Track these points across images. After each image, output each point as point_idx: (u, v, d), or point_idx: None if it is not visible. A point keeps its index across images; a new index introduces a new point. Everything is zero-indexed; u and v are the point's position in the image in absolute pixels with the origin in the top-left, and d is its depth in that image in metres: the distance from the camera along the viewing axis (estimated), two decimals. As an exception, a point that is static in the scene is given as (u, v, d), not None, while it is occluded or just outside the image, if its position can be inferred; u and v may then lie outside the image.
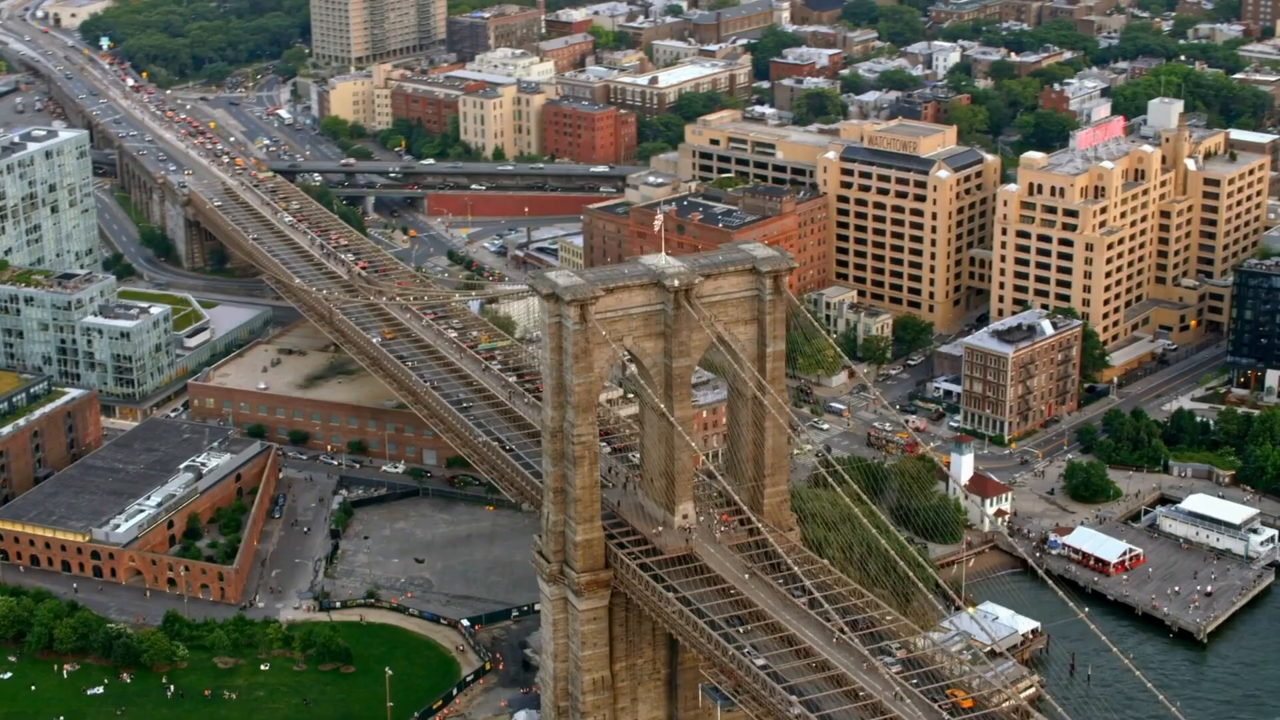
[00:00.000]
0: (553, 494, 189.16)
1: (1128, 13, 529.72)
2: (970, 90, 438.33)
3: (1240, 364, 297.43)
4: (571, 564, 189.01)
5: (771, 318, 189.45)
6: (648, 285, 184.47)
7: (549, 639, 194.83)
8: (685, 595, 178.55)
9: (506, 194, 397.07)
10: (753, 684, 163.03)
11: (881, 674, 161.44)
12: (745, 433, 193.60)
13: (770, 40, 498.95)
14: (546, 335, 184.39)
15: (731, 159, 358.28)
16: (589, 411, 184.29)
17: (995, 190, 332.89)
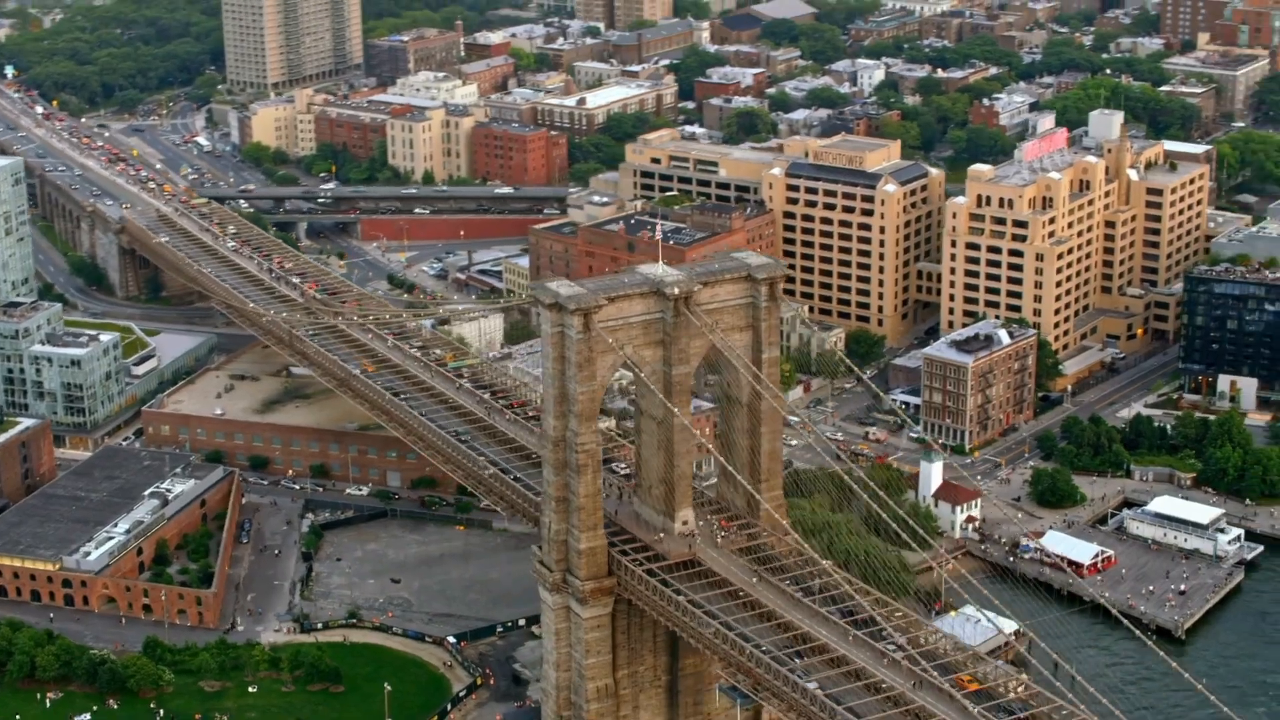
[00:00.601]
0: (554, 503, 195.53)
1: (1048, 28, 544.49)
2: (900, 107, 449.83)
3: (1192, 370, 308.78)
4: (575, 572, 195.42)
5: (767, 324, 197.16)
6: (647, 294, 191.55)
7: (551, 648, 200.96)
8: (695, 598, 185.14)
9: (442, 217, 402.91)
10: (794, 695, 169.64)
11: (902, 666, 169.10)
12: (740, 439, 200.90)
13: (693, 60, 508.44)
14: (548, 345, 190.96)
15: (674, 177, 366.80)
16: (592, 420, 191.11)
17: (940, 204, 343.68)
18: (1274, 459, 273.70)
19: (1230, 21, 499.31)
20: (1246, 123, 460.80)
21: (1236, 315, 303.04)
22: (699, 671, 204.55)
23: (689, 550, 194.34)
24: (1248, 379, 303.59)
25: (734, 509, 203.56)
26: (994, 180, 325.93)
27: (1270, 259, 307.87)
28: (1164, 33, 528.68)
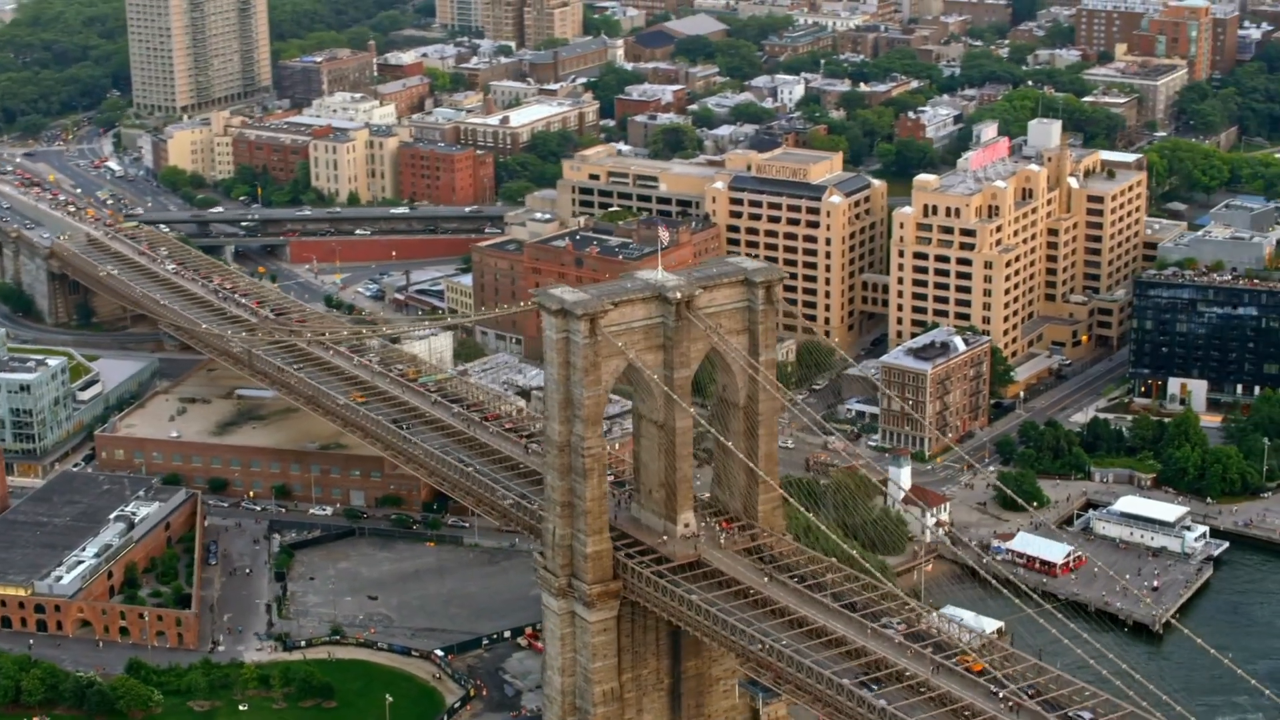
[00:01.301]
0: (559, 508, 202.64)
1: (964, 41, 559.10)
2: (826, 121, 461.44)
3: (1142, 374, 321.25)
4: (581, 576, 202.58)
5: (763, 326, 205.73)
6: (649, 299, 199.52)
7: (555, 654, 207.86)
8: (707, 597, 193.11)
9: (373, 238, 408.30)
10: (819, 686, 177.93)
11: (923, 656, 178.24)
12: (737, 441, 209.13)
13: (611, 78, 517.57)
14: (553, 351, 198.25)
15: (613, 193, 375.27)
16: (597, 424, 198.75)
17: (883, 215, 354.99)
18: (1233, 458, 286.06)
19: (1147, 32, 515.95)
20: (1168, 132, 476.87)
21: (1185, 319, 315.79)
22: (700, 673, 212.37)
23: (694, 552, 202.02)
24: (1198, 381, 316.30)
25: (730, 511, 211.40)
26: (940, 190, 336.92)
27: (1217, 262, 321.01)
28: (1079, 44, 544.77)
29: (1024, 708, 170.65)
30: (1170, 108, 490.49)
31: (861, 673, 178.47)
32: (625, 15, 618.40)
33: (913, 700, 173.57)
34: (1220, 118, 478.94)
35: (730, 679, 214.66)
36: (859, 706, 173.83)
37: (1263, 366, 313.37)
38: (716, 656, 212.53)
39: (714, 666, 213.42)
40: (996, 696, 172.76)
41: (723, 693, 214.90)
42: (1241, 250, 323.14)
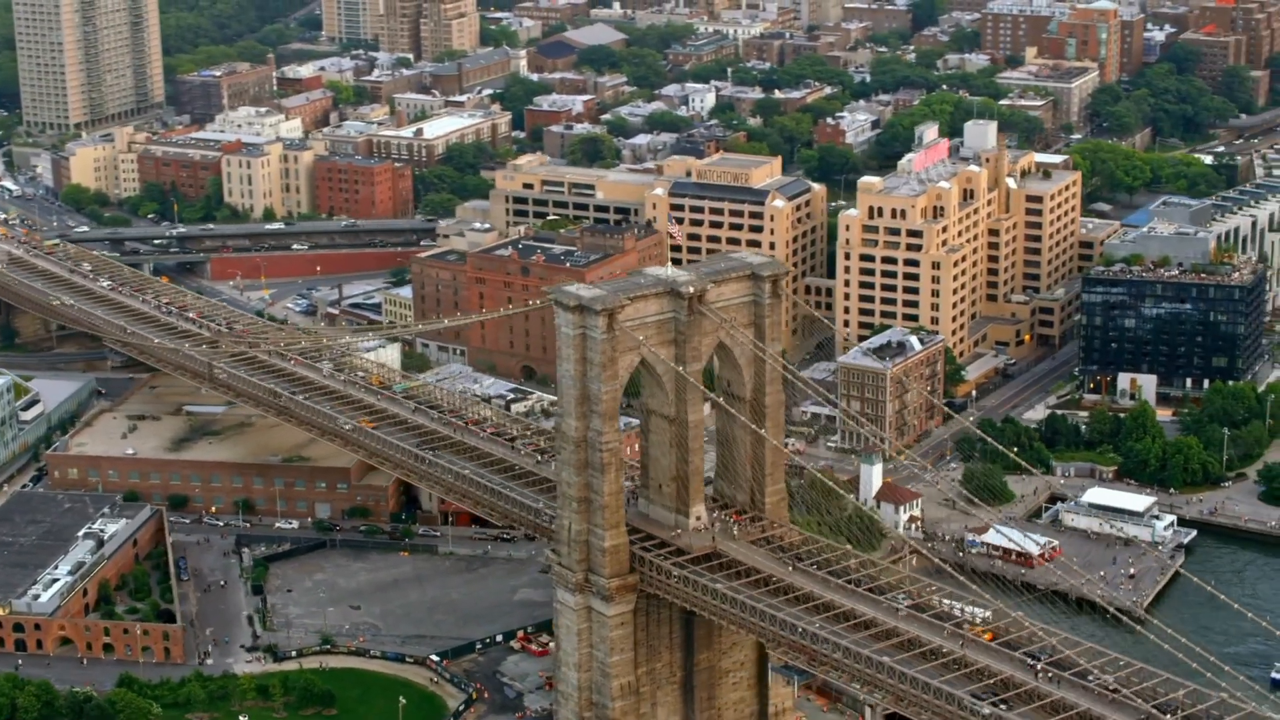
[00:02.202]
0: (575, 503, 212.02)
1: (870, 47, 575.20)
2: (745, 128, 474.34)
3: (1091, 370, 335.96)
4: (598, 571, 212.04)
5: (770, 320, 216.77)
6: (662, 294, 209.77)
7: (571, 649, 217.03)
8: (734, 586, 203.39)
9: (297, 253, 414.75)
10: (856, 665, 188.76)
11: (950, 633, 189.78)
12: (742, 434, 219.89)
13: (518, 89, 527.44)
14: (569, 347, 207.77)
15: (548, 202, 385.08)
16: (614, 419, 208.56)
17: (823, 219, 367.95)
18: (1194, 448, 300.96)
19: (1057, 35, 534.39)
20: (1083, 134, 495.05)
21: (1134, 314, 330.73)
22: (712, 666, 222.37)
23: (710, 543, 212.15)
24: (1147, 376, 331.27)
25: (737, 504, 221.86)
26: (884, 192, 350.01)
27: (1163, 257, 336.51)
28: (986, 48, 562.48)
29: (1061, 679, 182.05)
30: (1084, 110, 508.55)
31: (896, 651, 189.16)
32: (522, 26, 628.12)
33: (953, 675, 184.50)
34: (1135, 119, 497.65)
35: (739, 671, 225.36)
36: (900, 682, 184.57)
37: (1211, 360, 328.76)
38: (726, 649, 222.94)
39: (724, 659, 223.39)
40: (1034, 669, 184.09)
41: (732, 685, 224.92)
42: (1187, 245, 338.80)
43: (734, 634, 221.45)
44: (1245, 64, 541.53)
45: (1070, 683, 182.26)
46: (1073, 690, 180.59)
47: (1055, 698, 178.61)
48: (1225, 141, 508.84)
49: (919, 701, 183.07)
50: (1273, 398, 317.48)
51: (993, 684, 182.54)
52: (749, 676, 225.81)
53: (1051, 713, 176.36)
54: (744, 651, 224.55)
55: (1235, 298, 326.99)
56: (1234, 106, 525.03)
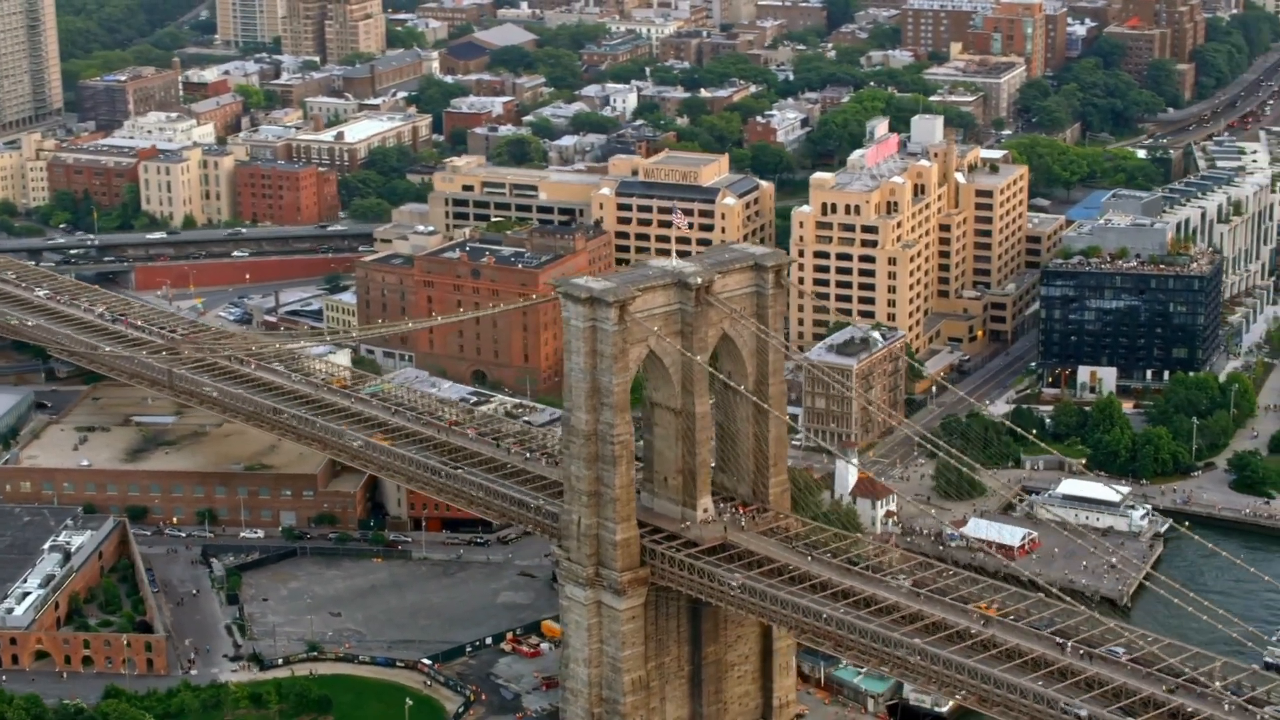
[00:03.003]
0: (585, 497, 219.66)
1: (791, 45, 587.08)
2: (673, 128, 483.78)
3: (1050, 364, 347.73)
4: (609, 564, 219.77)
5: (773, 311, 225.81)
6: (669, 285, 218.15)
7: (580, 646, 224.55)
8: (753, 575, 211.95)
9: (223, 261, 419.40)
10: (885, 649, 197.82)
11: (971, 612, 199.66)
12: (744, 426, 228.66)
13: (435, 91, 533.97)
14: (579, 340, 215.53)
15: (489, 204, 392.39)
16: (625, 411, 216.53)
17: (771, 216, 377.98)
18: (1164, 439, 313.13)
19: (982, 30, 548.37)
20: (1013, 129, 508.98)
21: (1094, 306, 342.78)
22: (719, 659, 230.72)
23: (722, 535, 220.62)
24: (1107, 369, 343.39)
25: (739, 496, 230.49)
26: (836, 188, 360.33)
27: (1121, 249, 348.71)
28: (907, 45, 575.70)
29: (1094, 655, 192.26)
30: (1013, 105, 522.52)
31: (921, 633, 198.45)
32: (428, 27, 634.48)
33: (980, 657, 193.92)
34: (1066, 114, 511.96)
35: (744, 665, 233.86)
36: (934, 664, 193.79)
37: (1171, 351, 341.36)
38: (732, 642, 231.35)
39: (729, 652, 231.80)
40: (1063, 647, 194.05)
41: (737, 678, 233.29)
42: (1144, 236, 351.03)
43: (740, 627, 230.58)
44: (1170, 57, 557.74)
45: (1102, 659, 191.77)
46: (1107, 666, 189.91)
47: (1115, 682, 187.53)
48: (1154, 135, 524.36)
49: (954, 682, 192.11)
50: (1236, 387, 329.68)
51: (1025, 662, 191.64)
52: (753, 670, 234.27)
53: (1114, 698, 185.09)
54: (748, 644, 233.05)
55: (1195, 288, 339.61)
56: (1162, 100, 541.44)
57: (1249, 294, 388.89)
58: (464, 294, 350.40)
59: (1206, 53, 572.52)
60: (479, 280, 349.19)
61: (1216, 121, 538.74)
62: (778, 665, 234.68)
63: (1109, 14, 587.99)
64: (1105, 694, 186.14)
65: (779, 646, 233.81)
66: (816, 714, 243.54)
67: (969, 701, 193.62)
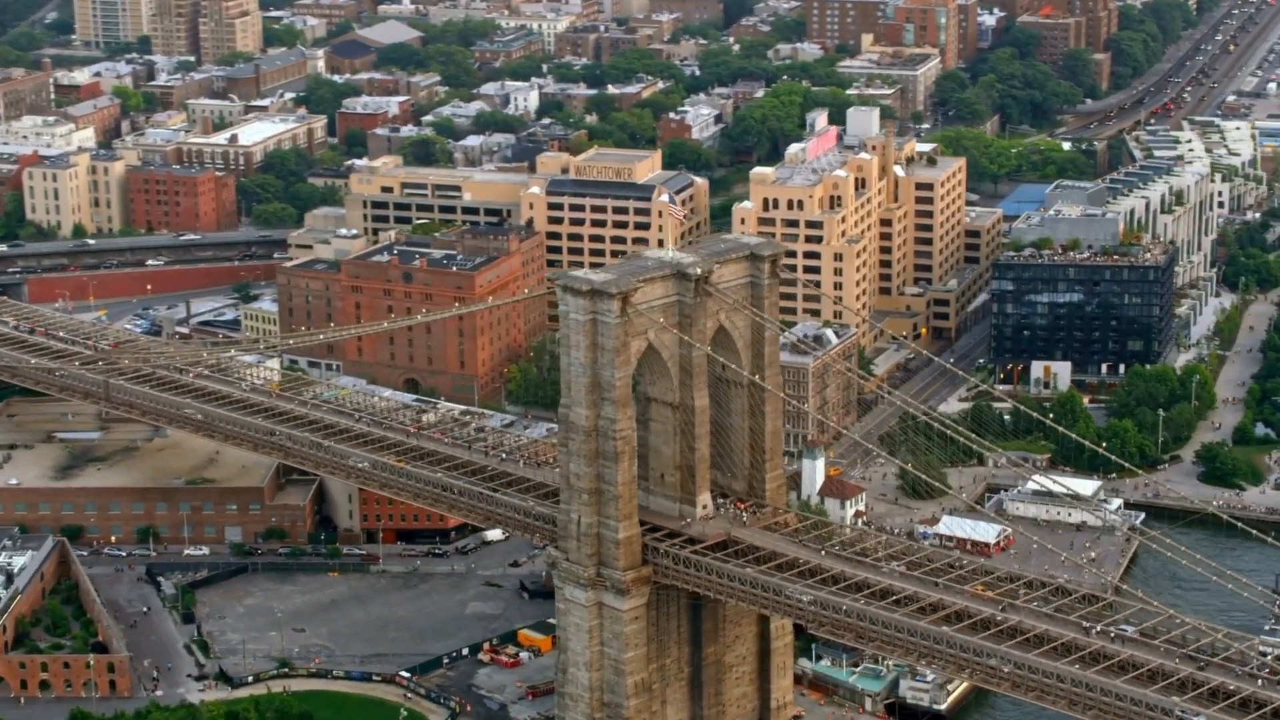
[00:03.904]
0: (586, 495, 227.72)
1: (694, 39, 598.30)
2: (585, 126, 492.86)
3: (1003, 359, 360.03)
4: (611, 564, 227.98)
5: (768, 301, 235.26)
6: (668, 277, 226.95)
7: (581, 649, 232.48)
8: (763, 569, 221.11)
9: (123, 272, 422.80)
10: (910, 638, 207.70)
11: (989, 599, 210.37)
12: (738, 421, 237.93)
13: (325, 91, 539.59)
14: (579, 334, 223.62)
15: (411, 205, 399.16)
16: (628, 406, 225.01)
17: (706, 213, 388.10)
18: (1130, 432, 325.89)
19: (894, 21, 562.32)
20: (931, 123, 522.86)
21: (1047, 300, 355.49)
22: (719, 660, 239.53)
23: (725, 531, 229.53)
24: (1062, 363, 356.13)
25: (734, 493, 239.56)
26: (777, 183, 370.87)
27: (1073, 240, 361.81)
28: (813, 37, 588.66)
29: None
30: (930, 98, 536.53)
31: (945, 622, 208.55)
32: (306, 25, 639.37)
33: (1011, 643, 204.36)
34: (985, 106, 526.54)
35: (741, 666, 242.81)
36: (963, 653, 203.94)
37: (1126, 344, 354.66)
38: (730, 642, 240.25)
39: (728, 653, 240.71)
40: (1089, 632, 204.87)
41: (735, 680, 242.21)
42: (1096, 227, 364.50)
43: (738, 627, 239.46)
44: (1086, 47, 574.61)
45: (1134, 641, 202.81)
46: (1146, 649, 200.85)
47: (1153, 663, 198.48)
48: (1073, 128, 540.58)
49: (997, 675, 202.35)
50: (1197, 378, 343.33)
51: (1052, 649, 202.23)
52: (750, 671, 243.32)
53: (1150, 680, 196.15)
54: (746, 645, 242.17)
55: (1150, 279, 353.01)
56: (1080, 91, 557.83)
57: (1193, 285, 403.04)
58: (395, 299, 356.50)
59: (1122, 41, 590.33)
60: (411, 284, 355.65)
61: (1136, 111, 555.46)
62: (775, 666, 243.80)
63: (1018, 3, 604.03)
64: (1140, 676, 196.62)
65: (776, 646, 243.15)
66: (813, 715, 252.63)
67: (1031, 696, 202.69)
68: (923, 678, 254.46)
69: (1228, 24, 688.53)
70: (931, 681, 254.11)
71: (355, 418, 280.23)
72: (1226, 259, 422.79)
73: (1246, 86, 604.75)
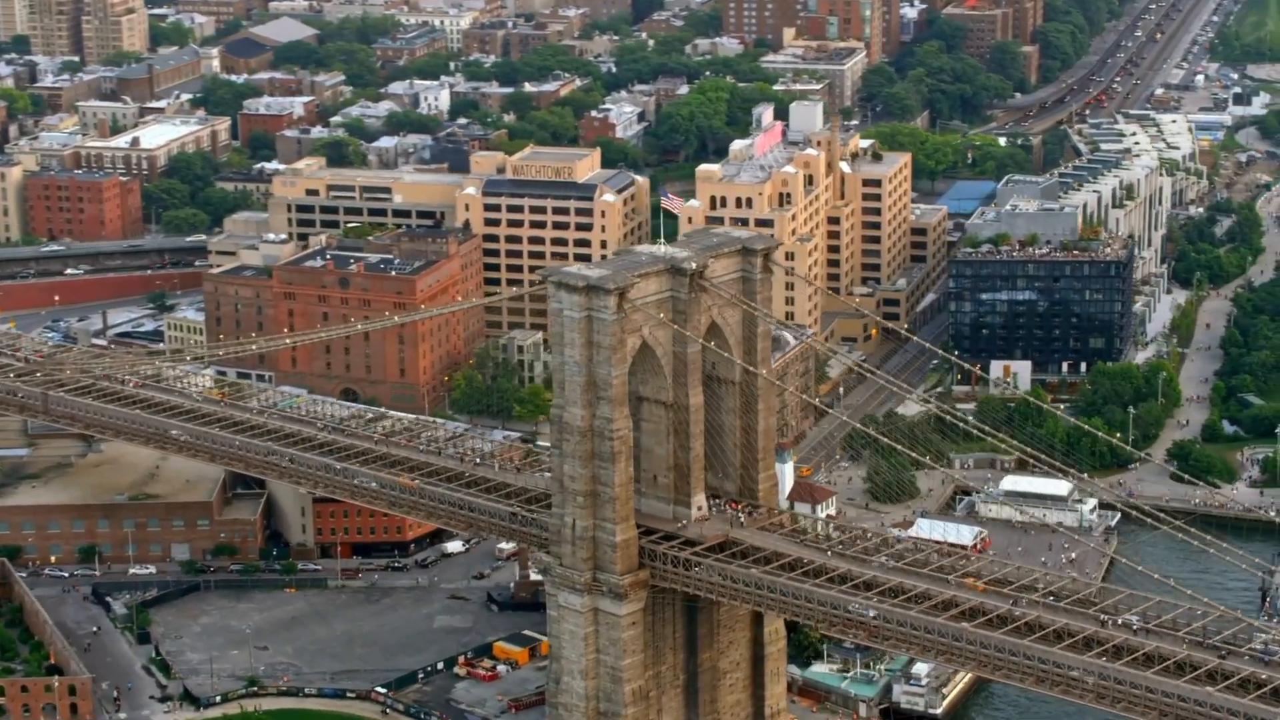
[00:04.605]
0: (581, 498, 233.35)
1: (607, 35, 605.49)
2: (504, 125, 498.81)
3: (962, 359, 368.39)
4: (608, 568, 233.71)
5: (761, 296, 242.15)
6: (662, 272, 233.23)
7: (576, 658, 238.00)
8: (771, 570, 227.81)
9: (28, 283, 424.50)
10: (926, 635, 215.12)
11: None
12: (730, 419, 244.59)
13: (224, 92, 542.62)
14: (574, 332, 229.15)
15: (338, 208, 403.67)
16: (624, 405, 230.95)
17: (647, 213, 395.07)
18: (1101, 430, 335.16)
19: (817, 14, 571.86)
20: (859, 119, 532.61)
21: (1006, 297, 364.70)
22: (714, 666, 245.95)
23: (723, 532, 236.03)
24: (1021, 363, 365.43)
25: (725, 494, 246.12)
26: (724, 180, 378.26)
27: (1031, 235, 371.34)
28: (728, 32, 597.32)
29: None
30: (857, 93, 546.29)
31: (964, 619, 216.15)
32: (195, 23, 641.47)
33: (1028, 639, 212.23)
34: (915, 101, 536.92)
35: (735, 672, 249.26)
36: (990, 648, 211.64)
37: (1088, 341, 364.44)
38: (724, 648, 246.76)
39: (722, 659, 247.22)
40: (1104, 624, 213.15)
41: (729, 686, 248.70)
42: (1054, 221, 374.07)
43: (732, 632, 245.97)
44: (1013, 39, 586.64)
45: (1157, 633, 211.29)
46: (1166, 640, 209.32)
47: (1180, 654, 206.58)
48: (1003, 123, 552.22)
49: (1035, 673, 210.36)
50: (1163, 375, 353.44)
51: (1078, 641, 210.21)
52: (744, 677, 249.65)
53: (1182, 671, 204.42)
54: (739, 650, 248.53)
55: (1111, 274, 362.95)
56: (1010, 85, 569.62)
57: (1146, 282, 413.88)
58: (331, 305, 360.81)
59: (1049, 33, 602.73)
60: (348, 290, 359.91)
61: (1066, 105, 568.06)
62: (769, 672, 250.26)
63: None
64: (1168, 668, 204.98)
65: (770, 652, 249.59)
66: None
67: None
68: (917, 681, 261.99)
69: (1147, 18, 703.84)
70: (926, 685, 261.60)
71: (319, 426, 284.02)
72: (1176, 254, 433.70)
73: (1173, 79, 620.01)
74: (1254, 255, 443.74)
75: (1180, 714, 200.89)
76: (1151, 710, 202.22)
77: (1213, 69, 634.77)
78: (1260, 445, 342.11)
